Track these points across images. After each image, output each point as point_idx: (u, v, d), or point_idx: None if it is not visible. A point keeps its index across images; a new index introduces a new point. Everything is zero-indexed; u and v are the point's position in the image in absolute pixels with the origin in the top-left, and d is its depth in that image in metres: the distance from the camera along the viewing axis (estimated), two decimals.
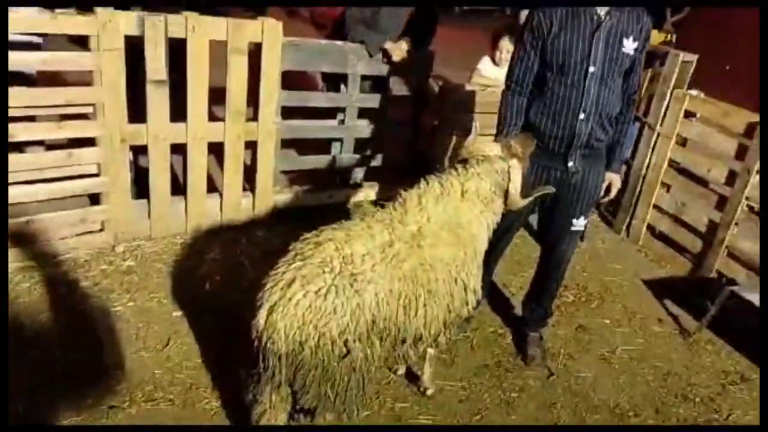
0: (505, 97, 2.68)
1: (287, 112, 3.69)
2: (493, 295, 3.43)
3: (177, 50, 3.11)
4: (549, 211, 2.79)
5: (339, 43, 3.73)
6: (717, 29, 5.72)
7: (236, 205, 3.65)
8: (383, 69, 3.88)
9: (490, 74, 4.36)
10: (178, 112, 3.25)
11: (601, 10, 2.43)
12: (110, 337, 2.69)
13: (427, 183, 2.24)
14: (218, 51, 3.30)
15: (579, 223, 2.75)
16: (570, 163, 2.60)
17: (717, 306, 3.32)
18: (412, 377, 2.68)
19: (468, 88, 4.15)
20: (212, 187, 3.67)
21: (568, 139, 2.55)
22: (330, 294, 1.79)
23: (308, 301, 1.78)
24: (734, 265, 3.72)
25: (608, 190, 2.79)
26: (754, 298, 3.20)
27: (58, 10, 2.83)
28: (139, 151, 3.34)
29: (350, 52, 3.71)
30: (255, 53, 3.35)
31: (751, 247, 3.63)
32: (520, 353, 2.99)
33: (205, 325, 2.84)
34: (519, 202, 2.37)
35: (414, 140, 4.32)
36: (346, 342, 1.81)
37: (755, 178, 3.57)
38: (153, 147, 3.22)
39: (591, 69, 2.44)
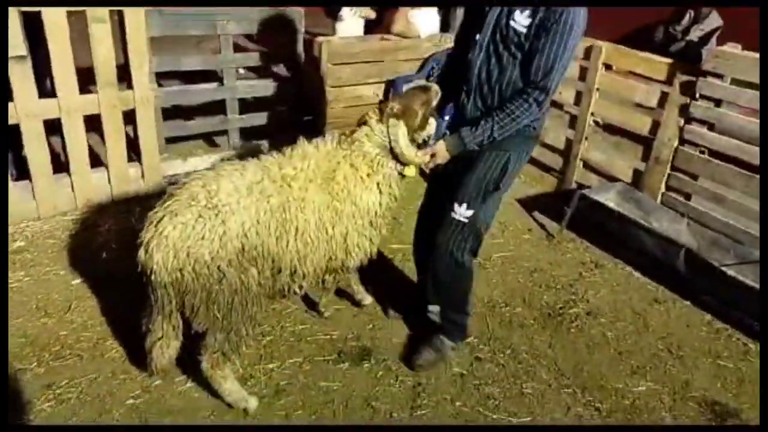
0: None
1: None
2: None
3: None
4: (436, 190, 2.63)
5: (207, 7, 3.81)
6: None
7: (124, 176, 3.72)
8: (254, 27, 4.01)
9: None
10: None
11: None
12: (9, 311, 2.76)
13: (316, 144, 2.38)
14: None
15: (460, 212, 2.43)
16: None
17: (572, 208, 3.83)
18: (311, 305, 2.97)
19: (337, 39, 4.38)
20: (99, 162, 3.72)
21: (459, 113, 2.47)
22: (198, 224, 2.01)
23: (178, 231, 1.99)
24: (589, 175, 4.27)
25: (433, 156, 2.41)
26: (601, 197, 3.74)
27: None
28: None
29: (219, 13, 3.81)
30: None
31: (599, 156, 4.18)
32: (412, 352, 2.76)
33: (106, 289, 2.96)
34: (413, 157, 2.36)
35: (298, 96, 4.50)
36: (219, 267, 2.04)
37: (596, 95, 4.09)
38: (25, 125, 3.23)
39: (477, 37, 2.30)
